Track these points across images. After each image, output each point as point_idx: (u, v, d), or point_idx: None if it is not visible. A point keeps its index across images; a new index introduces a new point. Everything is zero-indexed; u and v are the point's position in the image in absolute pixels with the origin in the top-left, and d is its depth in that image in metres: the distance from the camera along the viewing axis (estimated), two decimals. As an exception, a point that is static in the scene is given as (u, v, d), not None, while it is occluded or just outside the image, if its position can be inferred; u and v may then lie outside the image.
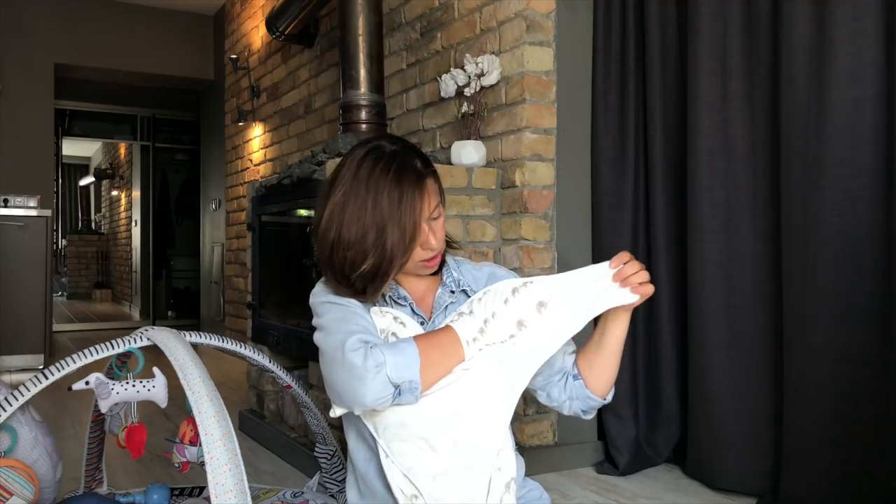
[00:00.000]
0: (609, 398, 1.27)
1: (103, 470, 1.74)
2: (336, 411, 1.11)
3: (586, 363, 1.24)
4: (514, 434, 1.24)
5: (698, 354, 2.16)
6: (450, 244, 1.30)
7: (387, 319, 1.18)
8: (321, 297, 1.21)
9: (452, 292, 1.25)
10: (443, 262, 1.27)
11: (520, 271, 2.29)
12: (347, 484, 1.25)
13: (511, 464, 1.12)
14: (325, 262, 1.19)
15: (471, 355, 1.12)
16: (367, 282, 1.15)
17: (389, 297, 1.23)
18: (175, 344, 1.25)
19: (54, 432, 1.47)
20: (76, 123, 8.02)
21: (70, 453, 2.08)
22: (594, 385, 1.24)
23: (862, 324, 1.80)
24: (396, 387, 1.06)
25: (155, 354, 1.31)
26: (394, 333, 1.16)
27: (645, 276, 1.16)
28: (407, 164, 1.16)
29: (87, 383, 1.32)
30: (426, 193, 1.16)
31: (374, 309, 1.20)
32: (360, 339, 1.08)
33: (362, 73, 2.60)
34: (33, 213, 4.70)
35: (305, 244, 2.43)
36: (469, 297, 1.23)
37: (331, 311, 1.17)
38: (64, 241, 11.17)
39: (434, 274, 1.26)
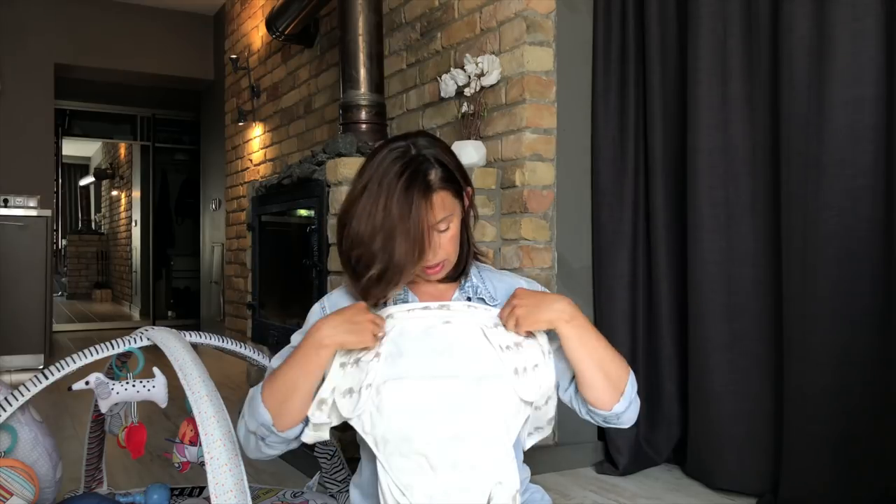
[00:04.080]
0: (619, 409, 1.17)
1: (103, 470, 1.74)
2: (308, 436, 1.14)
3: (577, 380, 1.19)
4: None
5: (698, 354, 2.16)
6: (476, 256, 1.29)
7: None
8: (305, 324, 1.24)
9: (469, 299, 1.22)
10: (463, 271, 1.26)
11: (520, 271, 2.29)
12: (353, 480, 1.25)
13: (514, 476, 1.08)
14: (339, 248, 1.20)
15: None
16: (373, 285, 1.15)
17: (393, 301, 1.21)
18: (175, 344, 1.25)
19: (54, 432, 1.47)
20: (76, 123, 8.02)
21: (70, 453, 2.08)
22: (590, 398, 1.17)
23: (862, 324, 1.80)
24: (253, 433, 1.11)
25: (155, 354, 1.31)
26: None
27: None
28: (420, 173, 1.13)
29: (87, 383, 1.32)
30: (433, 206, 1.13)
31: None
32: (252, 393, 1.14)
33: (362, 73, 2.61)
34: (33, 213, 4.70)
35: (305, 244, 2.43)
36: (487, 304, 1.20)
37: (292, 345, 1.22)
38: (64, 241, 11.17)
39: (447, 280, 1.25)
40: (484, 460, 1.06)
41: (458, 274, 1.25)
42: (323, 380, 1.11)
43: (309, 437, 1.13)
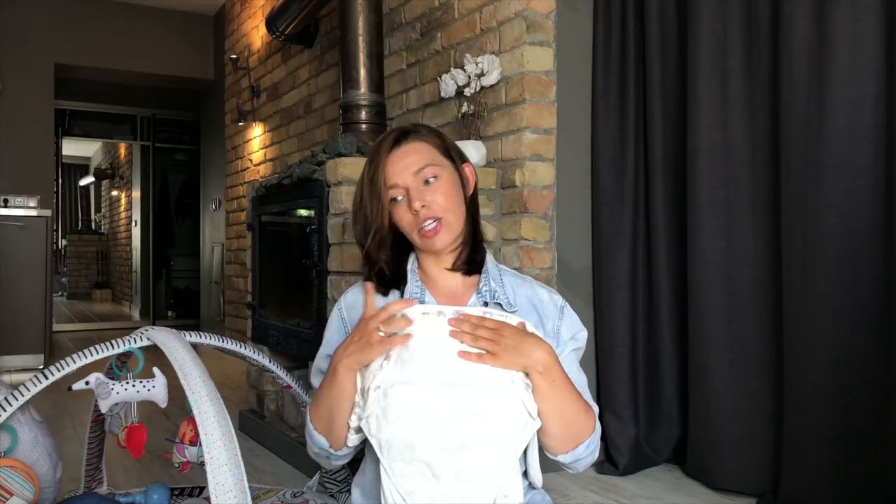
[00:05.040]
0: (564, 460, 1.17)
1: (103, 470, 1.74)
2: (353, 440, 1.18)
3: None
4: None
5: (698, 354, 2.16)
6: (479, 238, 1.27)
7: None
8: (326, 330, 1.31)
9: (486, 304, 1.20)
10: (481, 264, 1.25)
11: (520, 271, 2.29)
12: (355, 478, 1.25)
13: (519, 489, 1.07)
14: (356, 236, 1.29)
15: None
16: (364, 244, 1.23)
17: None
18: (175, 344, 1.25)
19: (54, 432, 1.47)
20: (76, 123, 8.02)
21: (70, 453, 2.08)
22: (542, 440, 1.16)
23: (862, 324, 1.80)
24: (317, 454, 1.20)
25: (155, 354, 1.31)
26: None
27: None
28: (398, 130, 1.23)
29: (87, 383, 1.32)
30: (401, 153, 1.20)
31: None
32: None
33: (362, 73, 2.61)
34: (33, 213, 4.70)
35: (305, 244, 2.43)
36: (504, 310, 1.19)
37: (323, 341, 1.30)
38: (64, 241, 11.17)
39: (462, 272, 1.24)
40: (488, 471, 1.05)
41: (470, 260, 1.24)
42: None
43: (354, 440, 1.16)
